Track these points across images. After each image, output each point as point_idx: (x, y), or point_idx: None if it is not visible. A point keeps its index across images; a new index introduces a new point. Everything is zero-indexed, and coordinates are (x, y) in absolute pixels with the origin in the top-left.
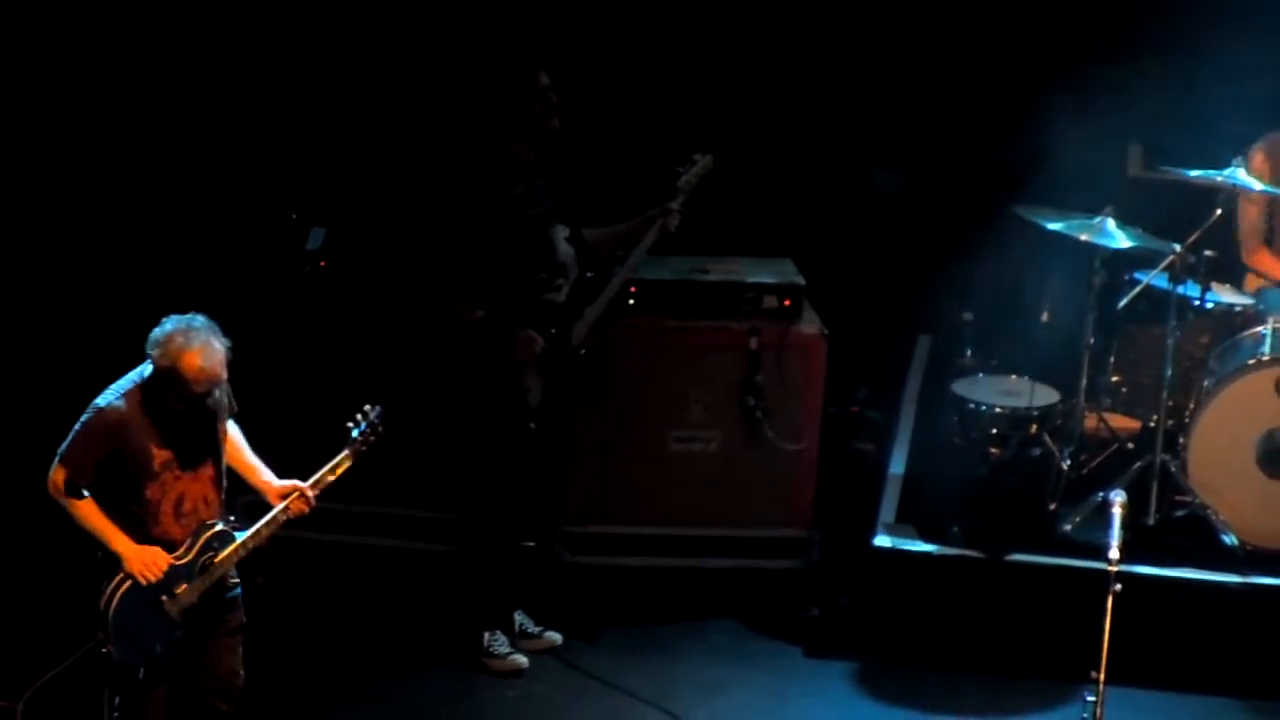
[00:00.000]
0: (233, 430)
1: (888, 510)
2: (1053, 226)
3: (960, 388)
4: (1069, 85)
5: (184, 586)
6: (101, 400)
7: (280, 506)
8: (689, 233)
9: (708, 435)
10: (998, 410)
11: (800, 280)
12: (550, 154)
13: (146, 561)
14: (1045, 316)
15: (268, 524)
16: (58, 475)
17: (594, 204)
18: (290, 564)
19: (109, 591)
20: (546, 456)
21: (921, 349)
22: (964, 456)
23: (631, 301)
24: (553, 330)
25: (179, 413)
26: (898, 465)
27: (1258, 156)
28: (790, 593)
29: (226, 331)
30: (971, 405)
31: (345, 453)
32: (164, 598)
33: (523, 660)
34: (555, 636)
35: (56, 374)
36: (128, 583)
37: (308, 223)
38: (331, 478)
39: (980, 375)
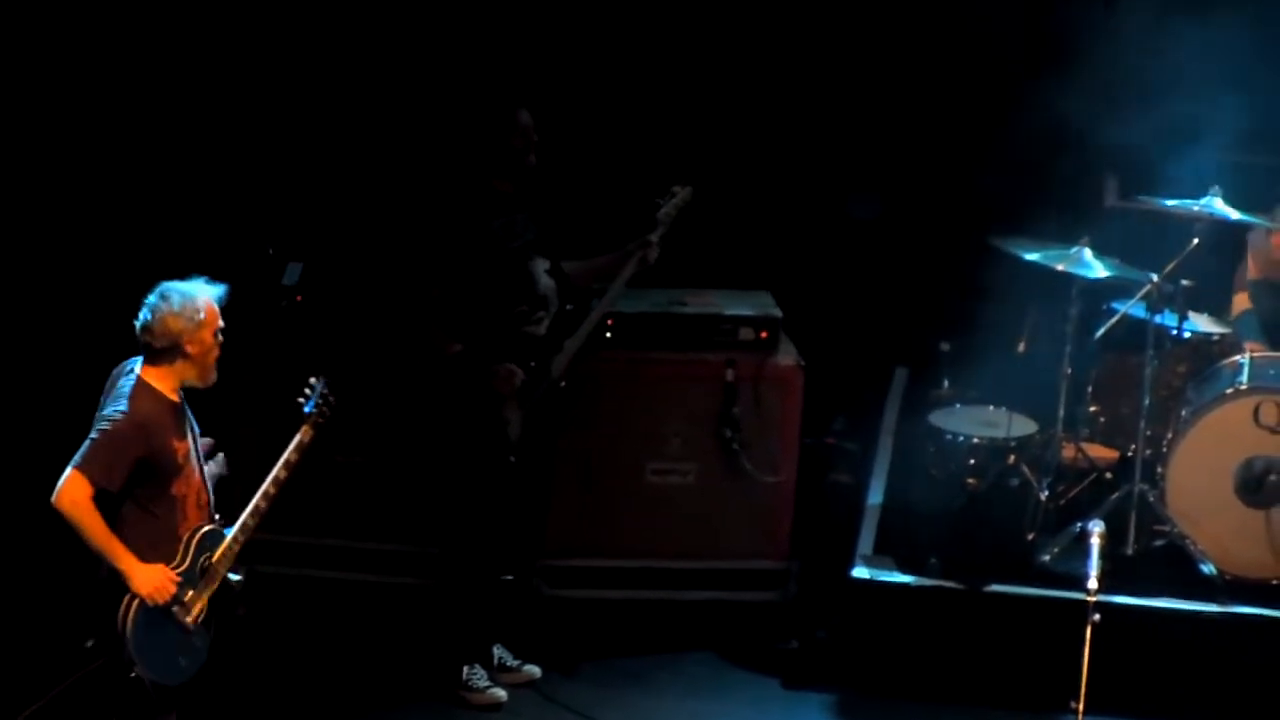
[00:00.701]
0: None
1: (865, 542)
2: (1029, 257)
3: (937, 419)
4: (1044, 115)
5: (190, 594)
6: (121, 406)
7: (260, 494)
8: (666, 265)
9: (685, 467)
10: (975, 441)
11: (777, 312)
12: (530, 187)
13: (156, 583)
14: (1022, 347)
15: (252, 514)
16: (79, 489)
17: (574, 237)
18: (270, 599)
19: (121, 615)
20: (526, 490)
21: (898, 380)
22: (942, 487)
23: (609, 334)
24: (532, 363)
25: (209, 380)
26: (875, 496)
27: None
28: (768, 625)
29: None
30: (949, 436)
31: (304, 428)
32: (175, 609)
33: (501, 694)
34: (534, 670)
35: (29, 407)
36: (136, 601)
37: (284, 257)
38: (296, 456)
39: (957, 406)
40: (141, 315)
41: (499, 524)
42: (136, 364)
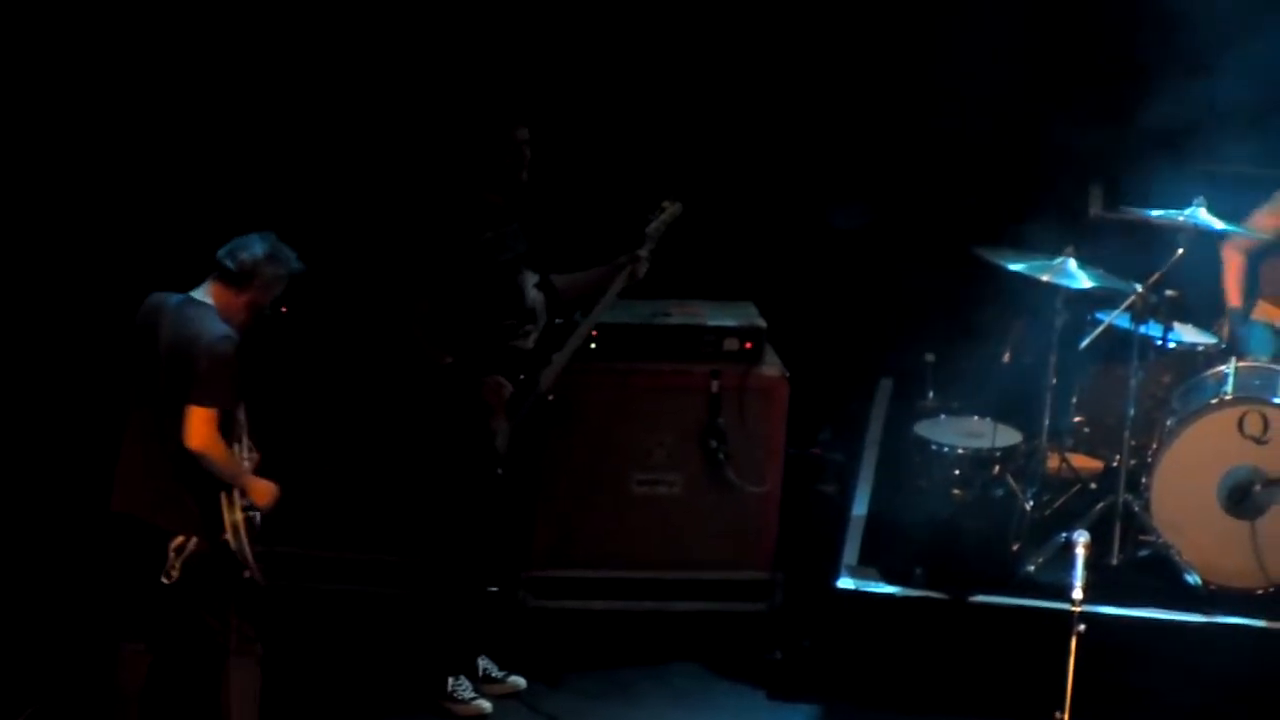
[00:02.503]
0: None
1: (850, 552)
2: (1014, 267)
3: (922, 429)
4: (1029, 125)
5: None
6: (220, 329)
7: None
8: (651, 276)
9: (670, 478)
10: (960, 451)
11: (761, 323)
12: (521, 201)
13: (272, 494)
14: (1007, 357)
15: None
16: (208, 423)
17: (564, 251)
18: (256, 609)
19: (231, 522)
20: (512, 501)
21: (883, 391)
22: (927, 498)
23: (593, 345)
24: (521, 376)
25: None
26: (860, 507)
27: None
28: (753, 635)
29: None
30: (934, 446)
31: None
32: (254, 515)
33: (486, 705)
34: (519, 681)
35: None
36: (236, 516)
37: None
38: None
39: (942, 416)
40: (238, 242)
41: (485, 535)
42: (181, 297)
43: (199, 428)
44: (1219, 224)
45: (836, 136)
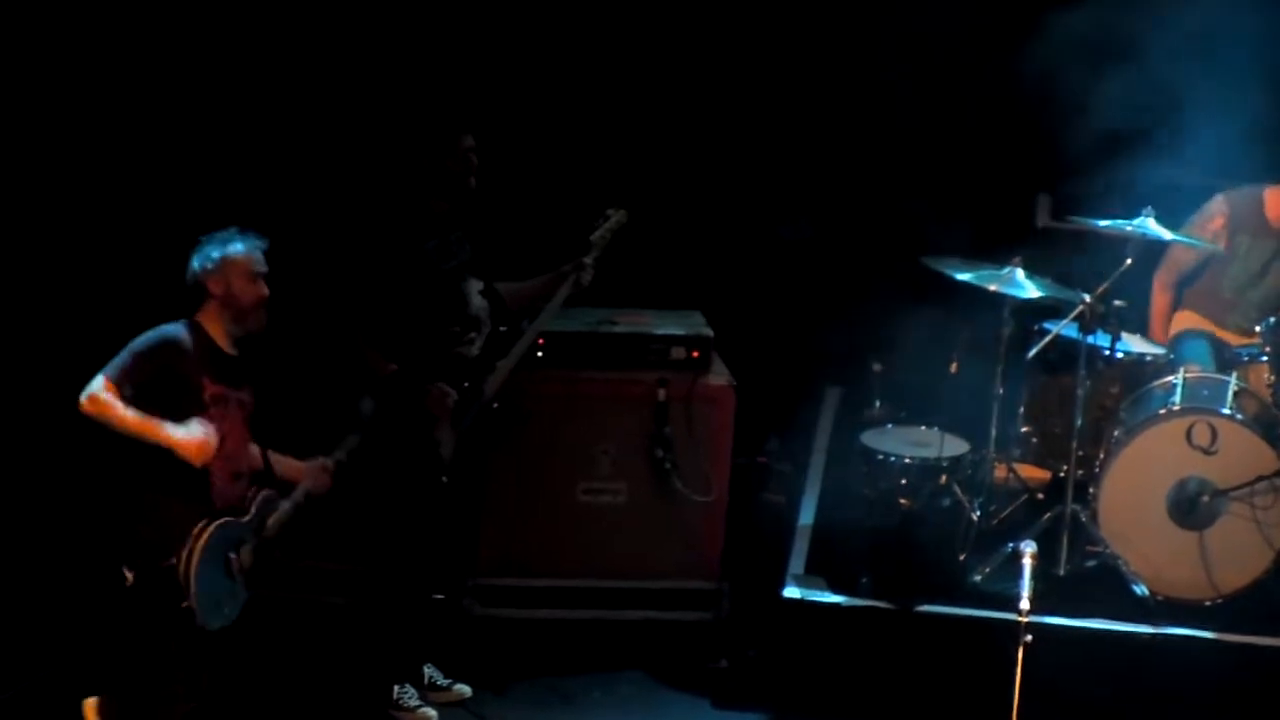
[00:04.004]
0: None
1: (797, 561)
2: (961, 277)
3: (869, 439)
4: (975, 134)
5: (247, 546)
6: (163, 328)
7: (308, 479)
8: (598, 285)
9: (616, 487)
10: (907, 461)
11: (708, 332)
12: (467, 208)
13: (198, 441)
14: (954, 367)
15: (300, 495)
16: (96, 386)
17: (509, 258)
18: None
19: (187, 549)
20: (457, 509)
21: (830, 400)
22: (873, 507)
23: (540, 354)
24: (465, 384)
25: (250, 325)
26: (807, 516)
27: (1217, 219)
28: (699, 644)
29: None
30: (881, 456)
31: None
32: (231, 555)
33: (432, 713)
34: (464, 689)
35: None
36: (204, 538)
37: None
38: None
39: (889, 426)
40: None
41: (430, 543)
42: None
43: (88, 390)
44: (1168, 234)
45: (783, 145)
